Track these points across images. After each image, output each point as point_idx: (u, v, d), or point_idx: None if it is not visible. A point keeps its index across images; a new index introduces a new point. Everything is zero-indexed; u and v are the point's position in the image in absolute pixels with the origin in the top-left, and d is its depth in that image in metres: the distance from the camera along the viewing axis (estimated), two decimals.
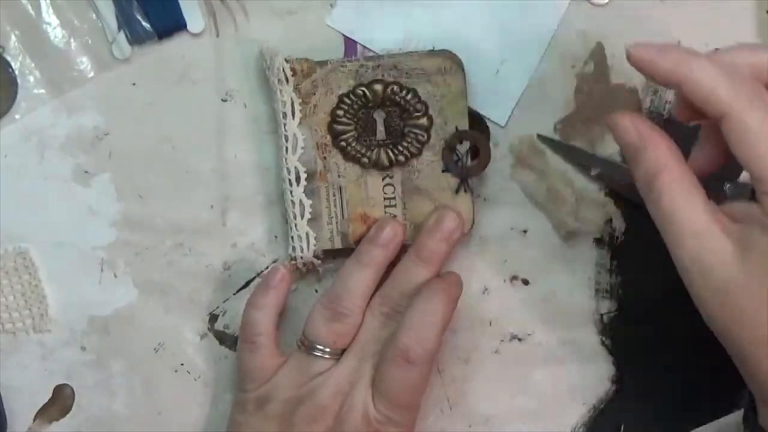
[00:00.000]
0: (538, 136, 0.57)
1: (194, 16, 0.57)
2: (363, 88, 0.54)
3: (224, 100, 0.58)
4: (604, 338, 0.58)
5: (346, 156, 0.55)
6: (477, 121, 0.56)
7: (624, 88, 0.57)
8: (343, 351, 0.53)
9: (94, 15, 0.57)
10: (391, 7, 0.57)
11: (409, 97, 0.54)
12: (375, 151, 0.55)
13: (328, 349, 0.53)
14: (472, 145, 0.55)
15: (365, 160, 0.55)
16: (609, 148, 0.57)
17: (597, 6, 0.57)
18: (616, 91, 0.57)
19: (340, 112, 0.55)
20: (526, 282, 0.58)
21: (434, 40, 0.56)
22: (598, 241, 0.58)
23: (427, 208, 0.56)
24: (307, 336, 0.54)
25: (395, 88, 0.54)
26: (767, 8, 0.56)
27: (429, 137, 0.55)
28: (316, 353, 0.53)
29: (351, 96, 0.54)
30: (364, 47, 0.57)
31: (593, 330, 0.58)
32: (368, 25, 0.57)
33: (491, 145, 0.57)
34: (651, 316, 0.58)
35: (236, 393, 0.56)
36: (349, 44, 0.57)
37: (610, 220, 0.57)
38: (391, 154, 0.55)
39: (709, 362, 0.58)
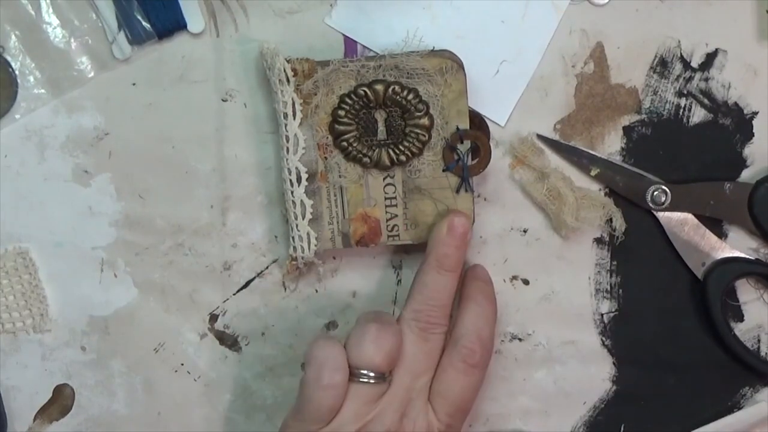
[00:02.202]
0: (538, 136, 0.57)
1: (194, 16, 0.57)
2: (364, 88, 0.54)
3: (224, 100, 0.58)
4: (604, 338, 0.58)
5: (348, 156, 0.55)
6: (477, 121, 0.56)
7: (624, 88, 0.57)
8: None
9: (94, 15, 0.57)
10: (391, 7, 0.57)
11: (410, 97, 0.54)
12: (376, 151, 0.55)
13: (379, 374, 0.51)
14: (472, 144, 0.55)
15: (367, 160, 0.55)
16: (609, 148, 0.57)
17: (597, 6, 0.57)
18: (616, 91, 0.57)
19: (342, 113, 0.55)
20: (526, 282, 0.58)
21: (434, 40, 0.56)
22: (598, 241, 0.58)
23: (428, 207, 0.55)
24: (360, 365, 0.51)
25: (396, 88, 0.54)
26: (767, 8, 0.56)
27: (430, 137, 0.55)
28: (369, 381, 0.51)
29: (352, 96, 0.54)
30: (364, 47, 0.57)
31: (593, 330, 0.58)
32: (368, 24, 0.57)
33: (491, 145, 0.57)
34: (651, 316, 0.58)
35: (295, 426, 0.52)
36: (349, 44, 0.57)
37: (610, 220, 0.57)
38: (392, 154, 0.55)
39: (709, 362, 0.58)
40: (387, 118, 0.55)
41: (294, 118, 0.54)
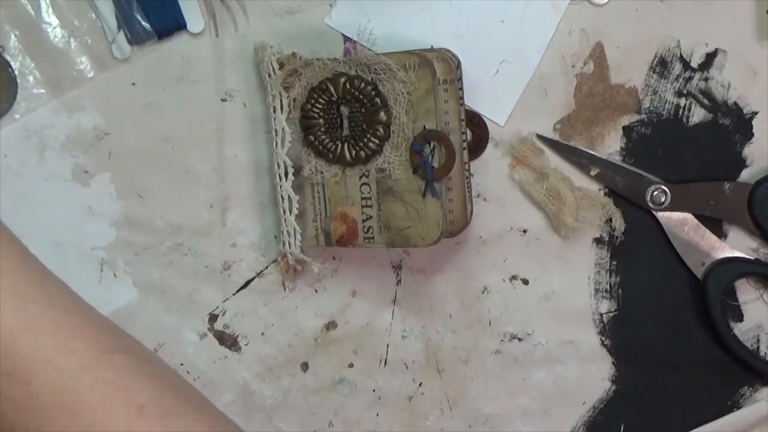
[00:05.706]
0: (538, 136, 0.57)
1: (194, 16, 0.57)
2: (326, 82, 0.53)
3: (224, 100, 0.58)
4: (603, 338, 0.58)
5: (315, 151, 0.55)
6: (476, 120, 0.56)
7: (624, 88, 0.57)
8: None
9: (94, 15, 0.57)
10: (390, 7, 0.57)
11: (366, 90, 0.53)
12: (339, 146, 0.54)
13: None
14: (433, 145, 0.52)
15: (330, 155, 0.54)
16: (609, 148, 0.57)
17: (597, 6, 0.57)
18: (616, 91, 0.57)
19: (309, 106, 0.54)
20: (526, 282, 0.58)
21: (434, 40, 0.56)
22: (598, 241, 0.58)
23: (399, 211, 0.54)
24: None
25: (355, 81, 0.53)
26: (767, 8, 0.56)
27: (389, 133, 0.53)
28: None
29: (318, 90, 0.54)
30: (364, 47, 0.57)
31: (593, 330, 0.58)
32: (368, 25, 0.57)
33: (492, 144, 0.57)
34: (651, 316, 0.58)
35: None
36: (349, 44, 0.57)
37: (610, 220, 0.57)
38: (353, 149, 0.54)
39: (709, 362, 0.58)
40: (350, 112, 0.54)
41: (282, 112, 0.54)
